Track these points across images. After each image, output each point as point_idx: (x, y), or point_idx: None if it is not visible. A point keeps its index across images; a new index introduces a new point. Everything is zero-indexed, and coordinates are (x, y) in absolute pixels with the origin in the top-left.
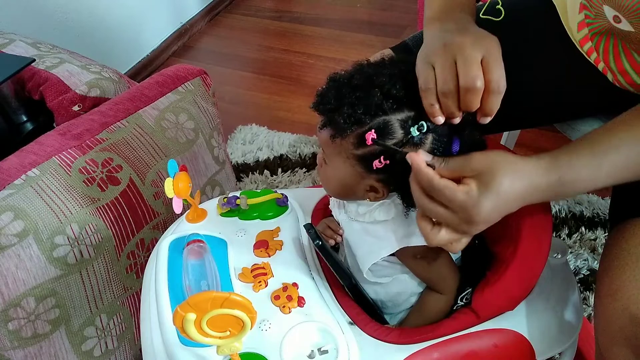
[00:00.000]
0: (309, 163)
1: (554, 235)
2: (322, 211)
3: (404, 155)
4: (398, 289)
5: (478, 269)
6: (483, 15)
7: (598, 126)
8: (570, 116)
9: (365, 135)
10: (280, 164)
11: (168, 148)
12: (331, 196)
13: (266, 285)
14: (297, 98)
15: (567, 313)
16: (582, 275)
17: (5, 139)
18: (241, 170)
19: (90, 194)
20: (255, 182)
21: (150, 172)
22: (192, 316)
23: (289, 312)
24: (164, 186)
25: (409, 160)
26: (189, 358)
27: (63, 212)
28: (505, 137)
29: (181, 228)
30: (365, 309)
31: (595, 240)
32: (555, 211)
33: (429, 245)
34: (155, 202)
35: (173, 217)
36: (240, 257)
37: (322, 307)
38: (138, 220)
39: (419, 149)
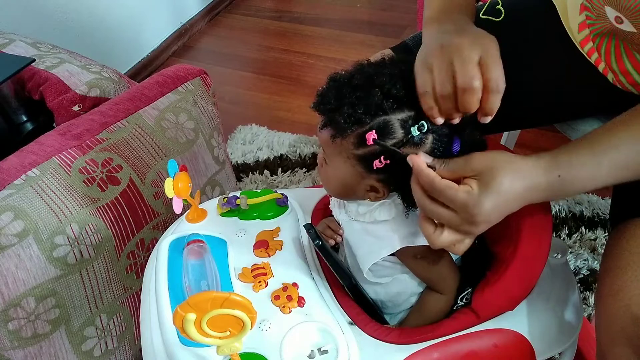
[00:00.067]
0: (309, 163)
1: (554, 235)
2: (322, 211)
3: (404, 155)
4: (398, 289)
5: (478, 269)
6: (483, 15)
7: (598, 126)
8: (570, 116)
9: (365, 135)
10: (280, 164)
11: (168, 148)
12: (331, 196)
13: (266, 285)
14: (297, 98)
15: (567, 313)
16: (582, 275)
17: (5, 139)
18: (241, 170)
19: (90, 194)
20: (255, 182)
21: (150, 172)
22: (192, 316)
23: (289, 312)
24: (164, 186)
25: (409, 162)
26: (189, 358)
27: (63, 212)
28: (505, 137)
29: (181, 228)
30: (365, 309)
31: (595, 240)
32: (555, 211)
33: (432, 247)
34: (155, 202)
35: (173, 217)
36: (240, 257)
37: (322, 307)
38: (138, 220)
39: (420, 148)
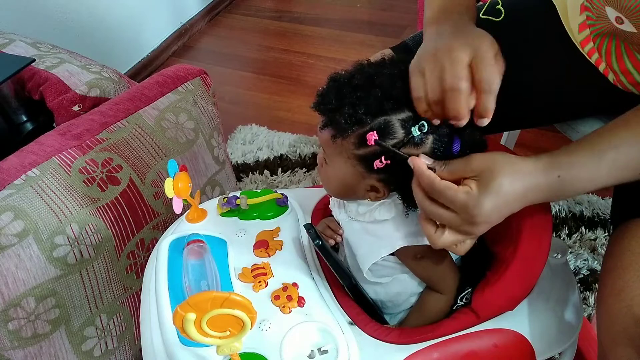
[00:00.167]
0: (309, 163)
1: (554, 235)
2: (322, 211)
3: (405, 157)
4: (398, 289)
5: (478, 269)
6: (483, 15)
7: (598, 126)
8: (570, 116)
9: (366, 135)
10: (280, 164)
11: (168, 148)
12: (331, 196)
13: (266, 285)
14: (297, 98)
15: (567, 313)
16: (582, 275)
17: (5, 139)
18: (241, 170)
19: (90, 194)
20: (255, 182)
21: (150, 172)
22: (192, 316)
23: (289, 312)
24: (164, 186)
25: (410, 164)
26: (189, 358)
27: (63, 212)
28: (505, 137)
29: (181, 228)
30: (365, 309)
31: (595, 240)
32: (555, 211)
33: (433, 247)
34: (155, 202)
35: (173, 217)
36: (240, 257)
37: (322, 307)
38: (138, 220)
39: (420, 148)
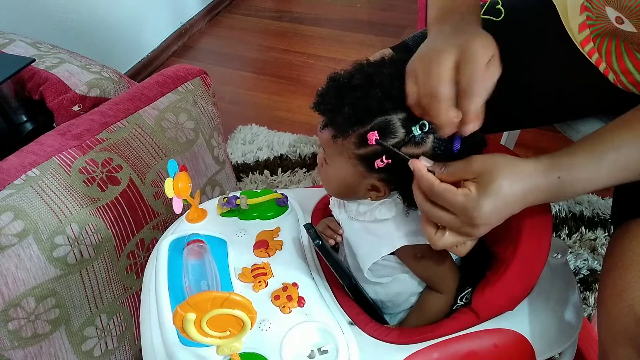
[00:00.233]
0: (309, 163)
1: (554, 235)
2: (322, 211)
3: (406, 159)
4: (398, 288)
5: (478, 269)
6: (483, 15)
7: (598, 126)
8: (570, 116)
9: (367, 135)
10: (280, 164)
11: (168, 148)
12: (332, 196)
13: (266, 285)
14: (297, 98)
15: (567, 313)
16: (582, 275)
17: (5, 139)
18: (241, 170)
19: (90, 194)
20: (255, 182)
21: (150, 172)
22: (192, 316)
23: (289, 312)
24: (164, 186)
25: (411, 166)
26: (189, 358)
27: (63, 212)
28: (505, 137)
29: (181, 228)
30: (365, 309)
31: (595, 240)
32: (555, 211)
33: (433, 248)
34: (155, 202)
35: (173, 217)
36: (240, 257)
37: (322, 307)
38: (138, 220)
39: (421, 147)
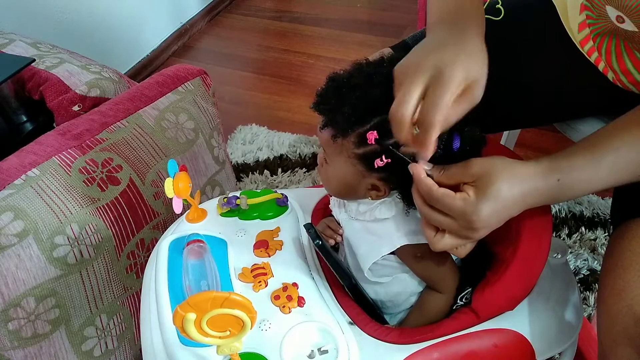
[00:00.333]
0: (309, 163)
1: (554, 235)
2: (322, 211)
3: (407, 161)
4: (398, 288)
5: (478, 269)
6: None
7: (598, 126)
8: (570, 116)
9: (366, 134)
10: (280, 164)
11: (168, 148)
12: (332, 196)
13: (266, 285)
14: (297, 98)
15: (567, 313)
16: (582, 275)
17: (5, 139)
18: (241, 170)
19: (90, 194)
20: (255, 182)
21: (150, 172)
22: (192, 316)
23: (289, 312)
24: (164, 186)
25: (410, 170)
26: (189, 358)
27: (63, 212)
28: (505, 137)
29: (181, 228)
30: (365, 309)
31: (595, 240)
32: (555, 211)
33: (433, 250)
34: (155, 202)
35: (173, 217)
36: (240, 257)
37: (322, 307)
38: (138, 220)
39: None
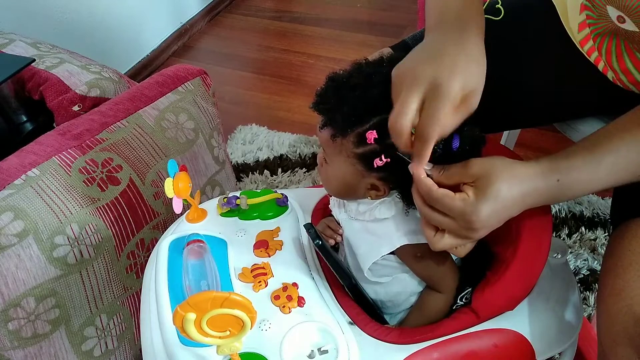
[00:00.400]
0: (309, 163)
1: (554, 235)
2: (322, 211)
3: (404, 157)
4: (398, 288)
5: (478, 269)
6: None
7: (598, 126)
8: (570, 116)
9: (365, 134)
10: (280, 164)
11: (168, 148)
12: (332, 195)
13: (266, 285)
14: (297, 98)
15: (567, 313)
16: (582, 275)
17: (5, 139)
18: (241, 170)
19: (90, 194)
20: (255, 182)
21: (150, 172)
22: (192, 316)
23: (289, 312)
24: (164, 186)
25: (410, 171)
26: (189, 358)
27: (63, 212)
28: (505, 137)
29: (181, 228)
30: (365, 309)
31: (595, 240)
32: (555, 211)
33: (433, 250)
34: (155, 202)
35: (173, 217)
36: (240, 257)
37: (322, 307)
38: (138, 220)
39: None
